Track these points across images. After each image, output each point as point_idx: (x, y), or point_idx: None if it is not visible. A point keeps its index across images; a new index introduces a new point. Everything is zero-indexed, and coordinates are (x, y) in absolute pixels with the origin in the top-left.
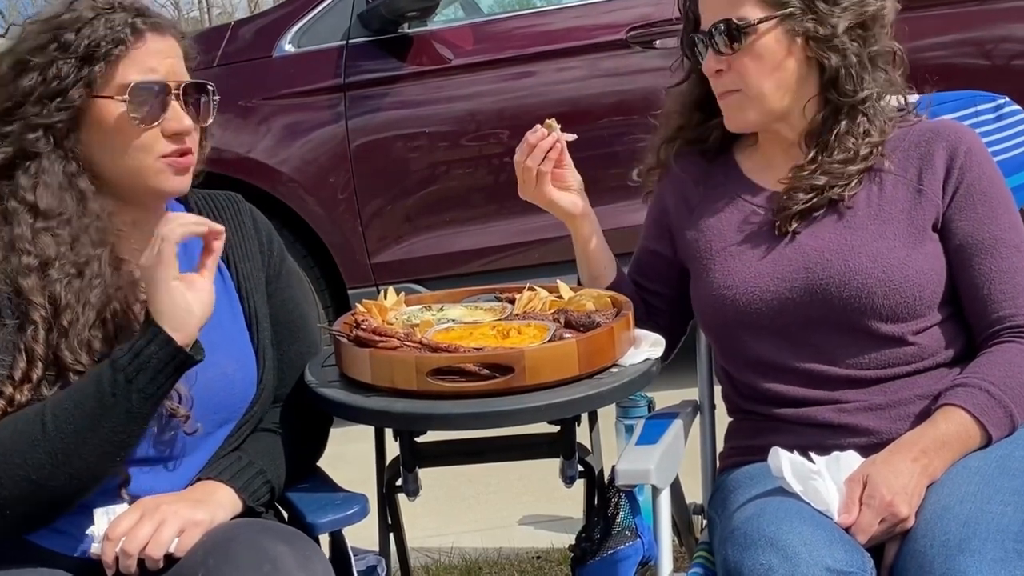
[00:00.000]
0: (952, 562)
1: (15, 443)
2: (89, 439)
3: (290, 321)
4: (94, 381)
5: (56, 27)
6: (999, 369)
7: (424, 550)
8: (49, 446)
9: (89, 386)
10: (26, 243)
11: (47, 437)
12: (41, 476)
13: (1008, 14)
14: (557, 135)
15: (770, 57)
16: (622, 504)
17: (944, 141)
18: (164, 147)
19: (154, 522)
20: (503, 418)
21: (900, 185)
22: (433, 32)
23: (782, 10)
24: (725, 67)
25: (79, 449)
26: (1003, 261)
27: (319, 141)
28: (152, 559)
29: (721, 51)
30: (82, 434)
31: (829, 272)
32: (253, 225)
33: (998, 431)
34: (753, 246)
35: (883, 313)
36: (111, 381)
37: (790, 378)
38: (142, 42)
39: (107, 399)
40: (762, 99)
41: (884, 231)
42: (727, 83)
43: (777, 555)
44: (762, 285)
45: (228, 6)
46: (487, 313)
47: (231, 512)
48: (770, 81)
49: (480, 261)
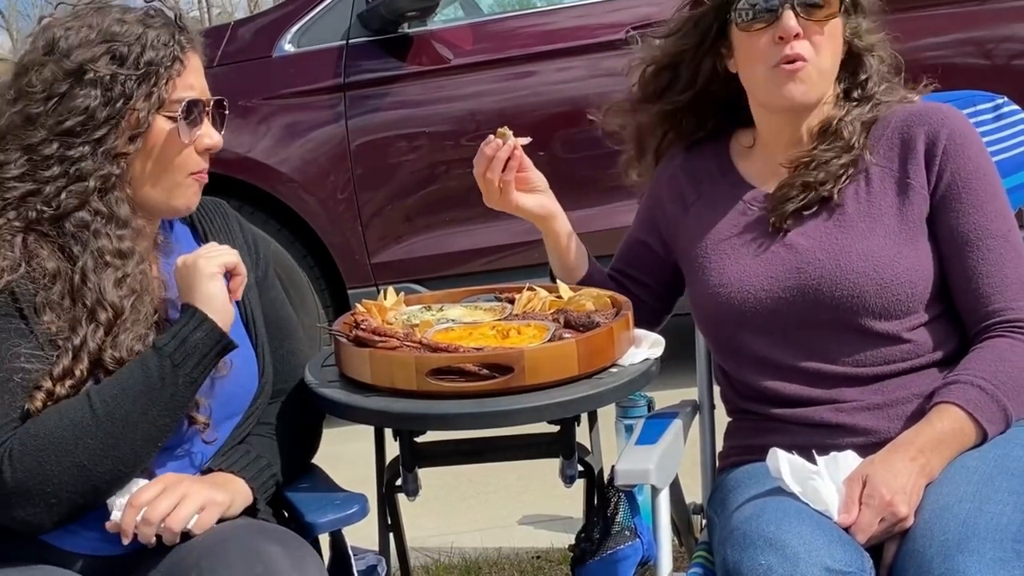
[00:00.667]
0: (951, 562)
1: (65, 430)
2: (139, 424)
3: (279, 320)
4: (140, 368)
5: (108, 38)
6: (991, 364)
7: (424, 550)
8: (100, 432)
9: (136, 373)
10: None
11: (98, 423)
12: (91, 461)
13: (1008, 14)
14: (512, 142)
15: (835, 39)
16: (622, 504)
17: (925, 125)
18: (196, 164)
19: (176, 495)
20: (503, 418)
21: (887, 179)
22: (433, 32)
23: (841, 4)
24: (802, 33)
25: (128, 435)
26: (990, 253)
27: (319, 141)
28: (171, 531)
29: (809, 17)
30: (132, 419)
31: (820, 272)
32: (240, 230)
33: (993, 426)
34: (748, 245)
35: (876, 311)
36: (158, 367)
37: (787, 377)
38: (187, 59)
39: (155, 384)
40: (825, 78)
41: (874, 228)
42: (802, 49)
43: (776, 555)
44: (756, 284)
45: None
46: (487, 313)
47: (245, 502)
48: (832, 61)
49: (480, 261)
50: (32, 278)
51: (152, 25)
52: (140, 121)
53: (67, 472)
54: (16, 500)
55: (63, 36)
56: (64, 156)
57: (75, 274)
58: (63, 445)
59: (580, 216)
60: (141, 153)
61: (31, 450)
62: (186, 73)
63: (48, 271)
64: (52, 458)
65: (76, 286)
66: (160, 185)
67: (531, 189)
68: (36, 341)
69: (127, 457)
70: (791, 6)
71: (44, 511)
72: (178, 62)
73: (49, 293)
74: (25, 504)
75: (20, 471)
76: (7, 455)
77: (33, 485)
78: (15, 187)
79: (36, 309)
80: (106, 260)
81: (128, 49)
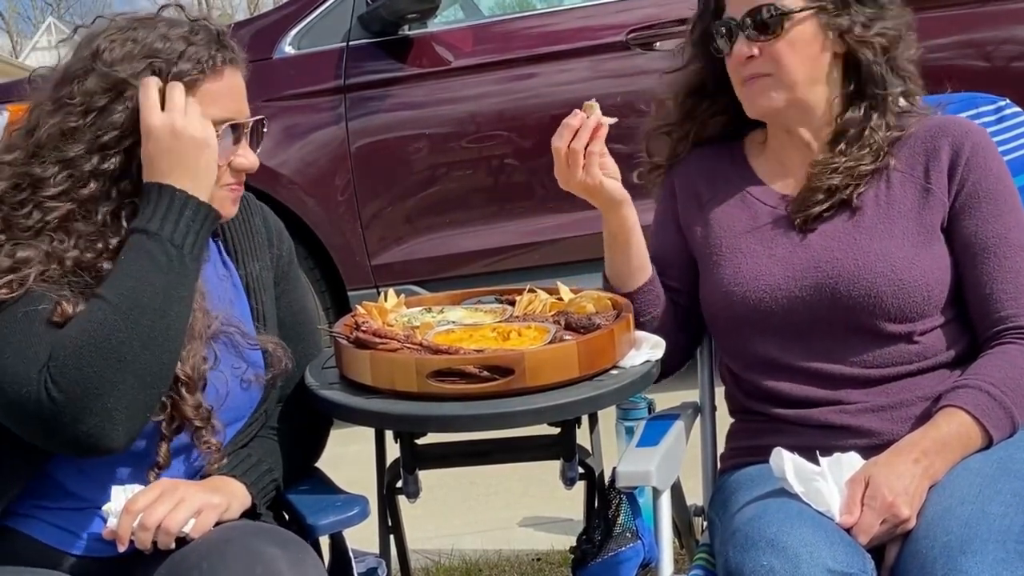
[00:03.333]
0: (953, 563)
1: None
2: (165, 309)
3: (296, 323)
4: (145, 256)
5: (150, 54)
6: (1000, 370)
7: (424, 552)
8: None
9: (140, 261)
10: None
11: (122, 314)
12: (130, 353)
13: (1008, 16)
14: (598, 116)
15: (805, 47)
16: (623, 506)
17: (950, 137)
18: (227, 179)
19: (173, 500)
20: (503, 420)
21: (908, 183)
22: (433, 34)
23: (818, 2)
24: (757, 53)
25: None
26: (1006, 261)
27: (319, 143)
28: (167, 535)
29: (758, 37)
30: (155, 304)
31: (839, 271)
32: (263, 223)
33: (999, 432)
34: (763, 244)
35: (891, 313)
36: (163, 251)
37: (794, 377)
38: (217, 78)
39: (164, 267)
40: (793, 86)
41: (893, 230)
42: (757, 67)
43: (778, 556)
44: (772, 283)
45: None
46: (487, 315)
47: (243, 505)
48: (803, 70)
49: (480, 263)
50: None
51: (195, 43)
52: None
53: (110, 369)
54: (73, 416)
55: (107, 48)
56: (101, 170)
57: None
58: (97, 345)
59: (583, 217)
60: None
61: (69, 361)
62: (221, 90)
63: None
64: (90, 361)
65: None
66: None
67: (608, 174)
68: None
69: (167, 345)
70: (742, 31)
71: (106, 420)
72: (210, 77)
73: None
74: (85, 417)
75: (65, 386)
76: (48, 380)
77: (82, 395)
78: (54, 207)
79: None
80: None
81: (167, 65)
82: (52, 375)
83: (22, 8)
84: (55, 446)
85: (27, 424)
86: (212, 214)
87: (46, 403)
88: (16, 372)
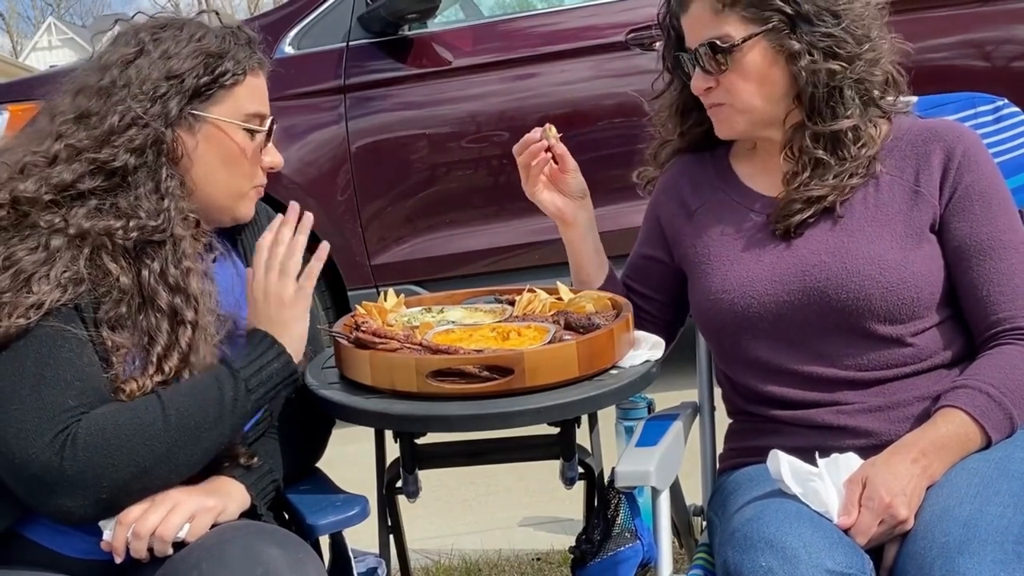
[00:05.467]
0: (952, 564)
1: (135, 429)
2: (203, 438)
3: None
4: (215, 385)
5: (199, 50)
6: (999, 371)
7: (424, 552)
8: (167, 438)
9: (211, 389)
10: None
11: (167, 429)
12: (152, 464)
13: (1008, 16)
14: (549, 142)
15: (756, 73)
16: (622, 506)
17: (941, 141)
18: (261, 178)
19: (165, 507)
20: (503, 420)
21: (896, 186)
22: (433, 34)
23: (764, 25)
24: (714, 84)
25: (191, 446)
26: (1001, 263)
27: (319, 143)
28: (162, 542)
29: (708, 70)
30: (199, 432)
31: (827, 275)
32: (268, 224)
33: (998, 433)
34: (750, 250)
35: (880, 315)
36: (233, 388)
37: (789, 380)
38: (256, 77)
39: (227, 404)
40: (751, 111)
41: (881, 233)
42: (716, 97)
43: (777, 557)
44: (760, 289)
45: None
46: (487, 315)
47: (241, 506)
48: (758, 95)
49: (480, 263)
50: (97, 293)
51: (237, 42)
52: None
53: (126, 470)
54: (65, 488)
55: (157, 39)
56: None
57: (148, 282)
58: (131, 443)
59: None
60: (212, 159)
61: (97, 442)
62: (257, 89)
63: (120, 286)
64: (116, 453)
65: (148, 295)
66: (224, 188)
67: (564, 191)
68: (95, 352)
69: (183, 467)
70: (695, 63)
71: (91, 504)
72: (242, 74)
73: (118, 309)
74: (73, 493)
75: (81, 460)
76: (69, 440)
77: (89, 476)
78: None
79: (97, 323)
80: (186, 266)
81: (215, 60)
82: (76, 442)
83: (22, 8)
84: (33, 503)
85: (18, 480)
86: (295, 376)
87: (53, 468)
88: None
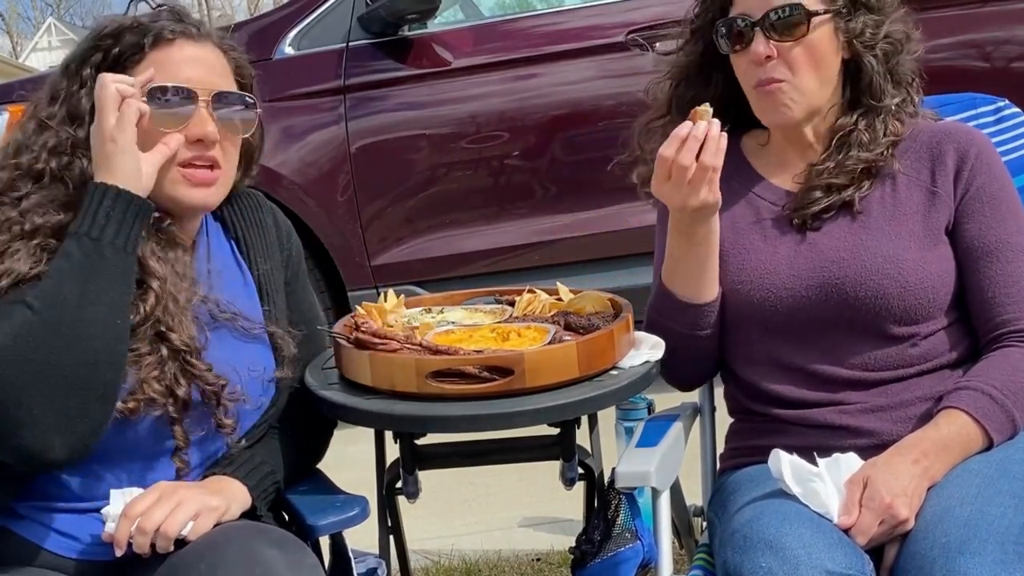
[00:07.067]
0: (952, 564)
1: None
2: (82, 305)
3: (305, 323)
4: (63, 258)
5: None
6: (1002, 373)
7: (424, 552)
8: (46, 325)
9: (60, 263)
10: None
11: (40, 317)
12: (51, 356)
13: (1008, 16)
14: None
15: (821, 51)
16: (622, 506)
17: (955, 143)
18: (183, 153)
19: (171, 503)
20: (503, 420)
21: (913, 186)
22: (433, 34)
23: (833, 5)
24: (775, 54)
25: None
26: (1008, 265)
27: (319, 143)
28: (166, 538)
29: (778, 38)
30: (71, 302)
31: (845, 272)
32: (274, 224)
33: (999, 435)
34: (767, 243)
35: (896, 315)
36: (78, 247)
37: (794, 378)
38: (170, 47)
39: (81, 263)
40: (808, 94)
41: (899, 232)
42: (776, 71)
43: (776, 558)
44: (777, 282)
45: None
46: (487, 315)
47: (243, 506)
48: (816, 76)
49: (480, 263)
50: None
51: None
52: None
53: (32, 375)
54: (5, 428)
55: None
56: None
57: None
58: (15, 349)
59: (584, 218)
60: None
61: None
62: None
63: None
64: (10, 366)
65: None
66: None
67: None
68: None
69: (88, 343)
70: (761, 29)
71: (36, 430)
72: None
73: None
74: (16, 429)
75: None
76: None
77: (9, 404)
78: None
79: None
80: None
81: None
82: None
83: (22, 8)
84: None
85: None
86: (135, 200)
87: None
88: None
